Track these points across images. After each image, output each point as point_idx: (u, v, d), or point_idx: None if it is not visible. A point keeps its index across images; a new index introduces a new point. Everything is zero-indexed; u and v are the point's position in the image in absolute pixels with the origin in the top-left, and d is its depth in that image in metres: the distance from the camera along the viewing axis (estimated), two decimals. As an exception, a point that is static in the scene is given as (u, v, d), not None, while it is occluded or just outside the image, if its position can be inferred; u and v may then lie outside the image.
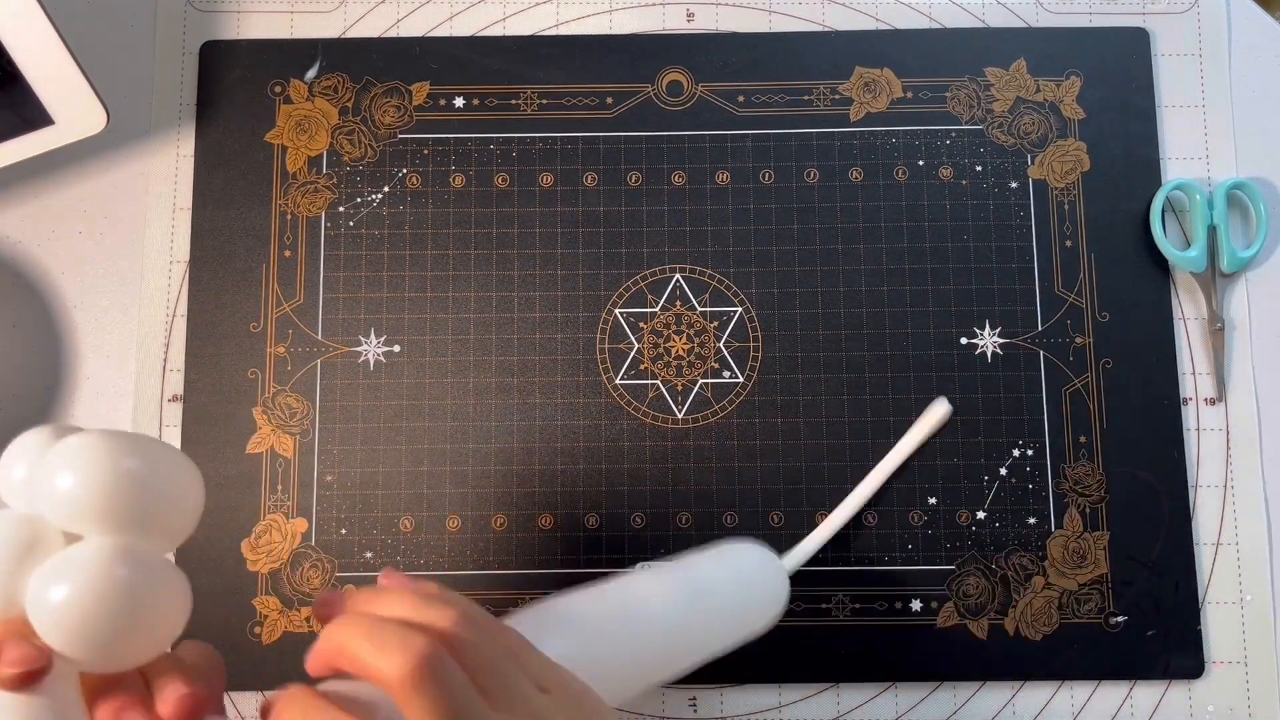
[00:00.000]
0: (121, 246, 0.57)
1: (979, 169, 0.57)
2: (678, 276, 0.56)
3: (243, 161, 0.57)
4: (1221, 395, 0.55)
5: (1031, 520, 0.54)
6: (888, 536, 0.54)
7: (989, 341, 0.56)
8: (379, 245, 0.56)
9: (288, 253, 0.56)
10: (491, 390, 0.55)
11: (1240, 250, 0.56)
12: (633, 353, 0.55)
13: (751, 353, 0.55)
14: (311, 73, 0.58)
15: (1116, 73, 0.58)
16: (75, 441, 0.29)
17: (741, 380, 0.55)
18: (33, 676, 0.27)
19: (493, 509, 0.54)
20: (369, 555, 0.53)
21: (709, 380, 0.55)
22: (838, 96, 0.58)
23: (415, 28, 0.59)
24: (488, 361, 0.55)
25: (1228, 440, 0.55)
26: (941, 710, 0.53)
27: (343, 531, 0.54)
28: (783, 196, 0.57)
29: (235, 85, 0.57)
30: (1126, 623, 0.53)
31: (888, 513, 0.54)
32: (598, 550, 0.54)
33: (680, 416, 0.55)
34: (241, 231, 0.56)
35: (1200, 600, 0.53)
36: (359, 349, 0.55)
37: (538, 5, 0.59)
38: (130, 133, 0.57)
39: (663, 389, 0.55)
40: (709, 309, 0.56)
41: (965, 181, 0.57)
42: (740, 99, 0.58)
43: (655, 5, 0.59)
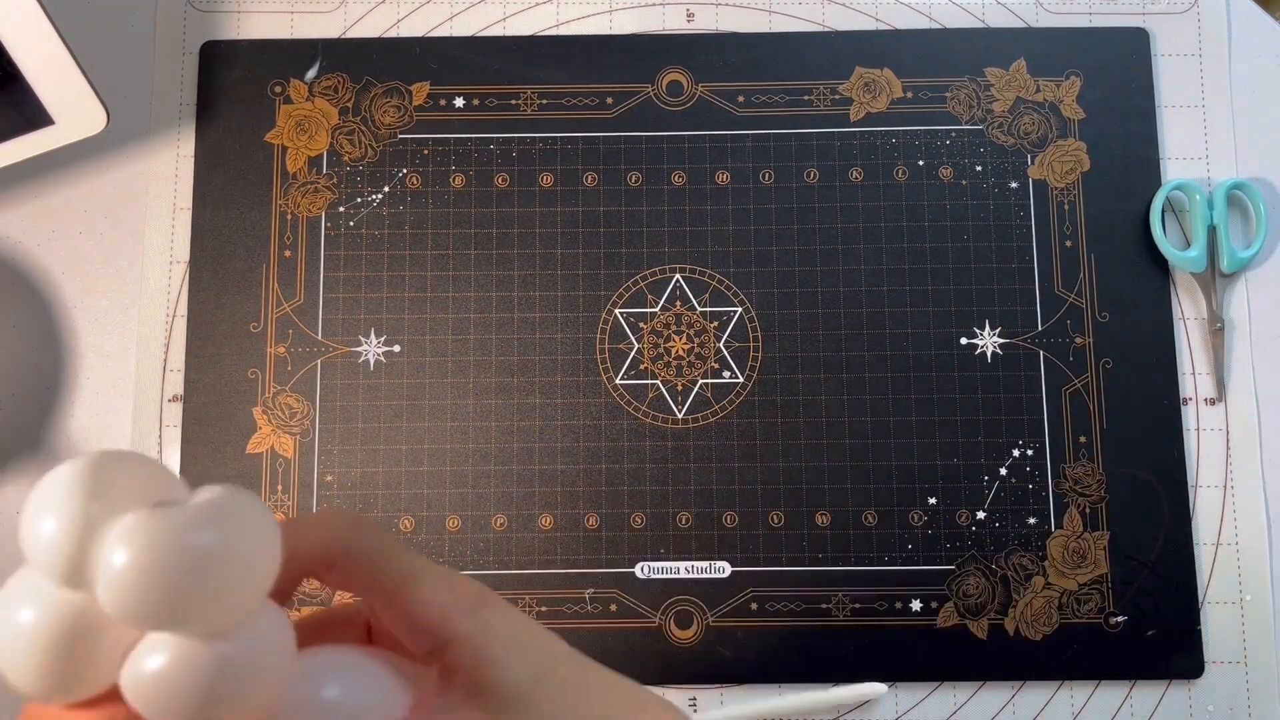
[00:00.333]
0: (121, 246, 0.57)
1: (979, 169, 0.57)
2: (678, 276, 0.56)
3: (243, 161, 0.57)
4: (1221, 395, 0.55)
5: (1031, 520, 0.54)
6: (888, 536, 0.54)
7: (989, 341, 0.56)
8: (379, 245, 0.56)
9: (288, 253, 0.56)
10: (491, 390, 0.55)
11: (1240, 250, 0.56)
12: (633, 353, 0.55)
13: (751, 353, 0.55)
14: (311, 73, 0.58)
15: (1116, 73, 0.58)
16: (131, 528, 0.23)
17: (741, 380, 0.55)
18: None
19: (493, 509, 0.54)
20: (369, 555, 0.53)
21: (709, 380, 0.55)
22: (838, 96, 0.58)
23: (415, 28, 0.59)
24: (488, 361, 0.55)
25: (1227, 440, 0.55)
26: (941, 710, 0.53)
27: (343, 531, 0.54)
28: (783, 196, 0.57)
29: (235, 85, 0.57)
30: (1126, 623, 0.53)
31: (887, 513, 0.54)
32: (598, 550, 0.54)
33: (680, 416, 0.55)
34: (241, 231, 0.56)
35: (1200, 600, 0.53)
36: (359, 349, 0.55)
37: (538, 5, 0.59)
38: (130, 133, 0.57)
39: (663, 389, 0.55)
40: (709, 309, 0.56)
41: (965, 181, 0.57)
42: (740, 99, 0.58)
43: (655, 5, 0.59)
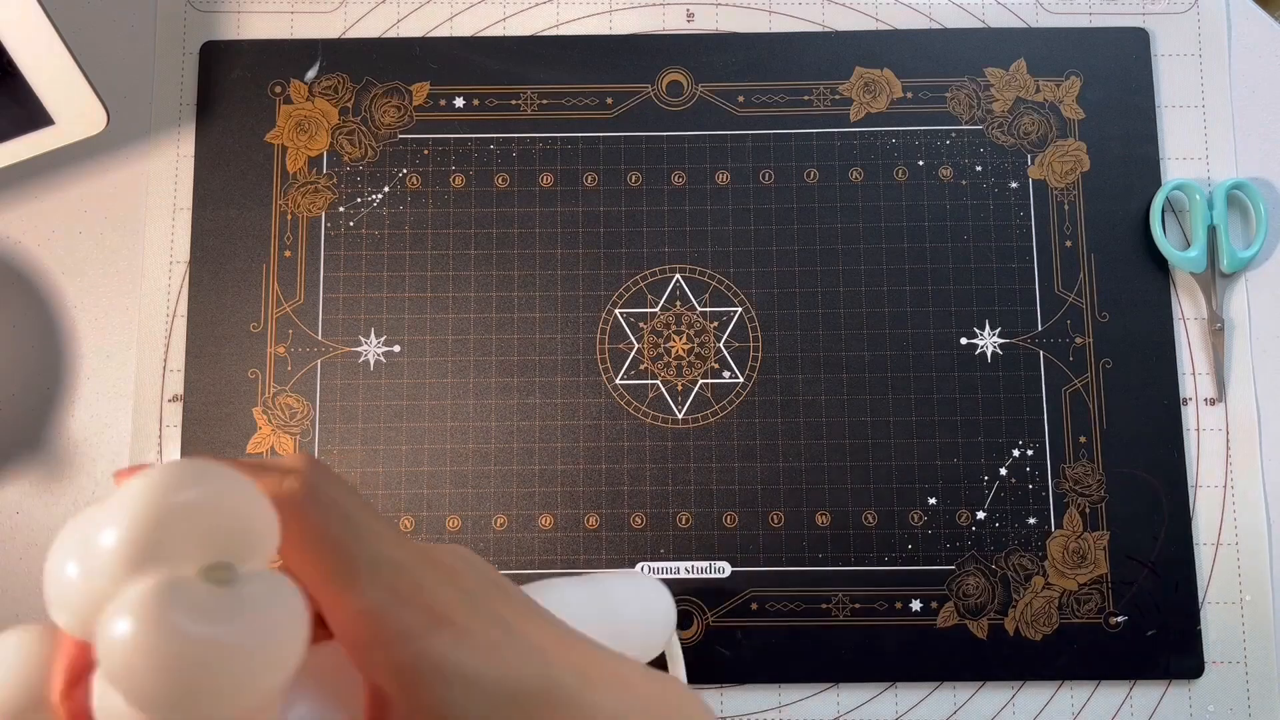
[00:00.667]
0: (121, 246, 0.57)
1: (979, 169, 0.57)
2: (678, 276, 0.56)
3: (243, 161, 0.57)
4: (1221, 395, 0.55)
5: (1031, 520, 0.54)
6: (888, 536, 0.54)
7: (989, 341, 0.56)
8: (379, 245, 0.56)
9: (288, 253, 0.56)
10: (491, 390, 0.55)
11: (1240, 250, 0.56)
12: (633, 353, 0.55)
13: (751, 353, 0.55)
14: (312, 73, 0.58)
15: (1116, 73, 0.58)
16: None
17: (741, 380, 0.55)
18: None
19: (493, 509, 0.54)
20: (369, 555, 0.53)
21: (709, 380, 0.55)
22: (837, 97, 0.58)
23: (415, 28, 0.59)
24: (488, 361, 0.55)
25: (1227, 440, 0.55)
26: (941, 710, 0.53)
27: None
28: (783, 196, 0.57)
29: (235, 85, 0.57)
30: (1126, 623, 0.53)
31: (887, 513, 0.54)
32: (598, 550, 0.54)
33: (680, 416, 0.55)
34: (241, 231, 0.56)
35: (1200, 600, 0.53)
36: (359, 349, 0.55)
37: (538, 5, 0.59)
38: (130, 133, 0.57)
39: (663, 389, 0.55)
40: (709, 309, 0.56)
41: (965, 182, 0.57)
42: (740, 99, 0.58)
43: (655, 5, 0.59)
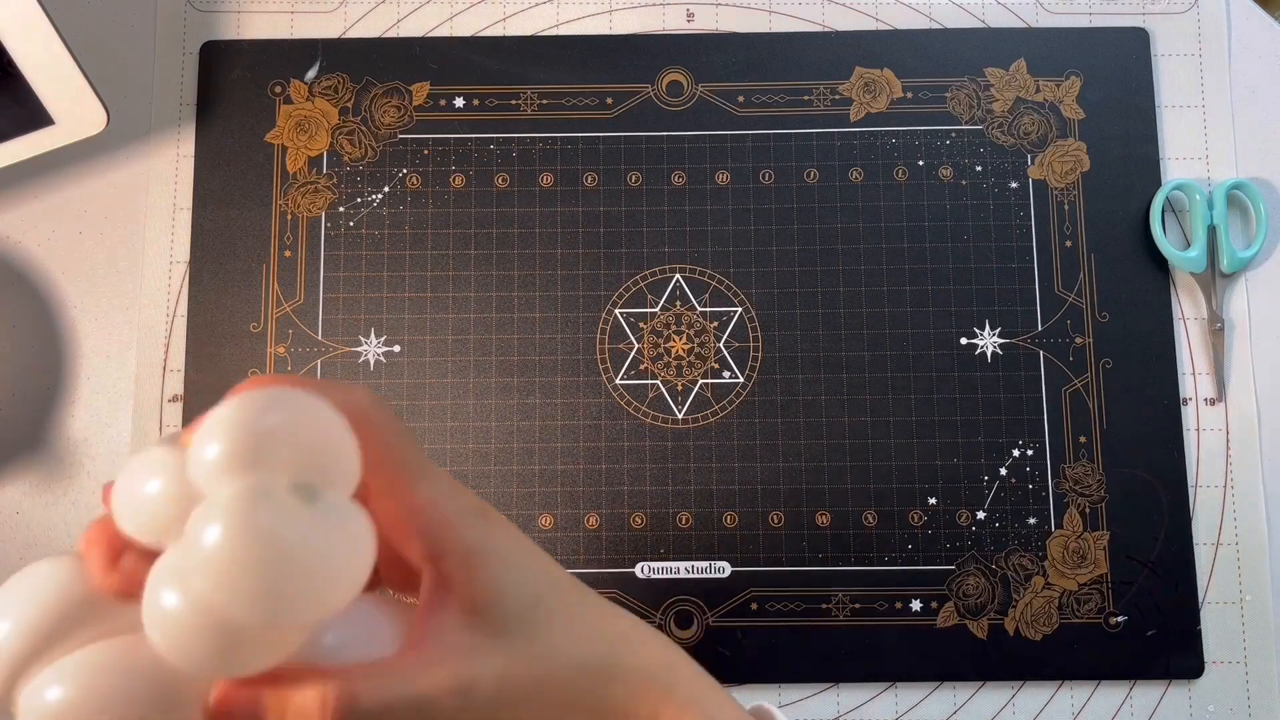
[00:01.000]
0: (121, 246, 0.57)
1: (979, 169, 0.57)
2: (678, 276, 0.56)
3: (243, 161, 0.57)
4: (1221, 395, 0.55)
5: (1031, 520, 0.54)
6: (888, 536, 0.54)
7: (989, 341, 0.56)
8: (379, 245, 0.56)
9: (288, 253, 0.56)
10: (491, 390, 0.55)
11: (1240, 250, 0.56)
12: (633, 353, 0.55)
13: (751, 353, 0.55)
14: (312, 73, 0.58)
15: (1116, 73, 0.58)
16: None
17: (741, 380, 0.55)
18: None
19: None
20: (369, 555, 0.53)
21: (709, 380, 0.55)
22: (837, 97, 0.58)
23: (415, 28, 0.59)
24: (488, 361, 0.55)
25: (1227, 440, 0.55)
26: (941, 710, 0.53)
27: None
28: (783, 196, 0.57)
29: (235, 85, 0.57)
30: (1126, 623, 0.53)
31: (887, 513, 0.54)
32: (598, 550, 0.54)
33: (680, 416, 0.55)
34: (241, 231, 0.56)
35: (1200, 600, 0.53)
36: (359, 349, 0.55)
37: (538, 5, 0.59)
38: (130, 133, 0.57)
39: (663, 389, 0.55)
40: (709, 309, 0.56)
41: (965, 182, 0.57)
42: (740, 99, 0.58)
43: (655, 5, 0.59)
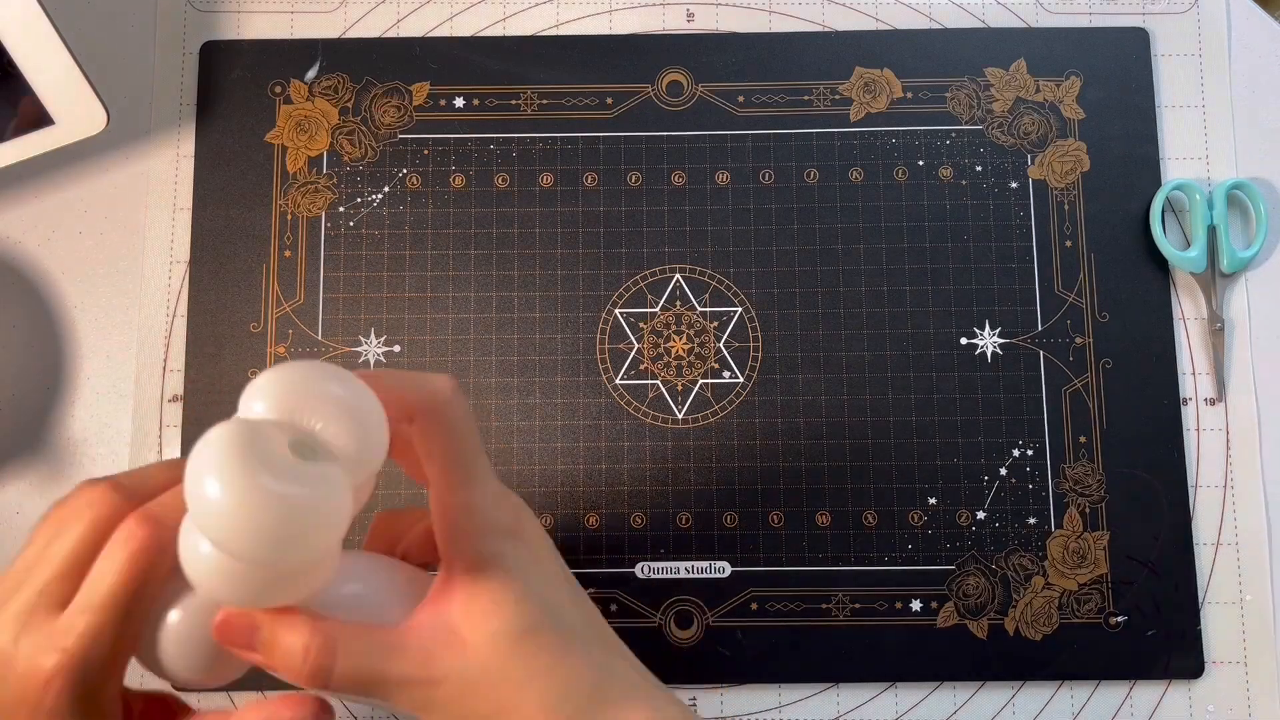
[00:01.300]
0: (121, 246, 0.57)
1: (979, 169, 0.57)
2: (678, 276, 0.56)
3: (243, 161, 0.57)
4: (1221, 395, 0.55)
5: (1031, 520, 0.54)
6: (888, 536, 0.54)
7: (989, 341, 0.56)
8: (379, 245, 0.56)
9: (288, 253, 0.56)
10: (491, 390, 0.55)
11: (1240, 250, 0.56)
12: (633, 353, 0.55)
13: (751, 353, 0.55)
14: (311, 73, 0.58)
15: (1116, 73, 0.58)
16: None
17: (741, 380, 0.55)
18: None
19: (493, 509, 0.54)
20: (369, 555, 0.53)
21: (709, 380, 0.55)
22: (837, 96, 0.58)
23: (415, 28, 0.59)
24: (488, 361, 0.55)
25: (1227, 440, 0.55)
26: (941, 710, 0.53)
27: (343, 531, 0.54)
28: (783, 196, 0.57)
29: (235, 85, 0.57)
30: (1126, 623, 0.53)
31: (887, 513, 0.54)
32: (598, 550, 0.54)
33: (680, 416, 0.55)
34: (241, 231, 0.56)
35: (1200, 600, 0.53)
36: (359, 349, 0.55)
37: (538, 5, 0.59)
38: (130, 133, 0.57)
39: (663, 389, 0.55)
40: (709, 309, 0.56)
41: (965, 182, 0.57)
42: (740, 99, 0.58)
43: (655, 5, 0.59)
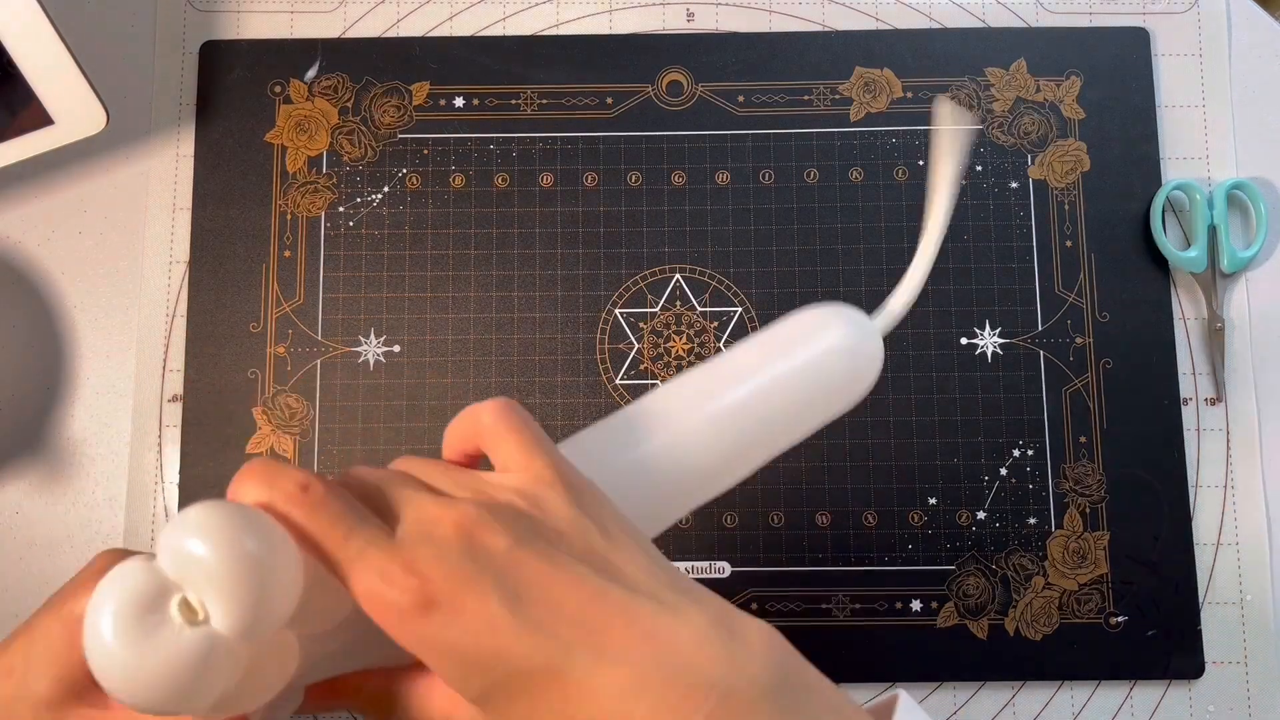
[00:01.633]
0: (121, 246, 0.57)
1: (979, 169, 0.57)
2: (678, 276, 0.56)
3: (242, 161, 0.57)
4: (1221, 395, 0.55)
5: (1031, 520, 0.54)
6: (888, 536, 0.54)
7: (989, 341, 0.55)
8: (379, 245, 0.56)
9: (288, 253, 0.56)
10: (491, 390, 0.55)
11: (1240, 250, 0.56)
12: (633, 353, 0.55)
13: (751, 353, 0.55)
14: (311, 73, 0.58)
15: (1116, 73, 0.58)
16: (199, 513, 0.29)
17: (741, 380, 0.55)
18: None
19: (493, 509, 0.54)
20: (369, 555, 0.53)
21: (709, 380, 0.55)
22: (838, 96, 0.58)
23: (415, 28, 0.59)
24: (488, 361, 0.55)
25: (1228, 440, 0.55)
26: (942, 710, 0.53)
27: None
28: (783, 196, 0.57)
29: (235, 85, 0.57)
30: (1127, 623, 0.53)
31: (888, 513, 0.54)
32: (598, 550, 0.54)
33: (680, 416, 0.55)
34: (241, 231, 0.56)
35: (1200, 600, 0.53)
36: (359, 349, 0.55)
37: (538, 5, 0.59)
38: (130, 133, 0.57)
39: (663, 389, 0.55)
40: (709, 309, 0.56)
41: (965, 182, 0.57)
42: (740, 99, 0.58)
43: (655, 5, 0.59)
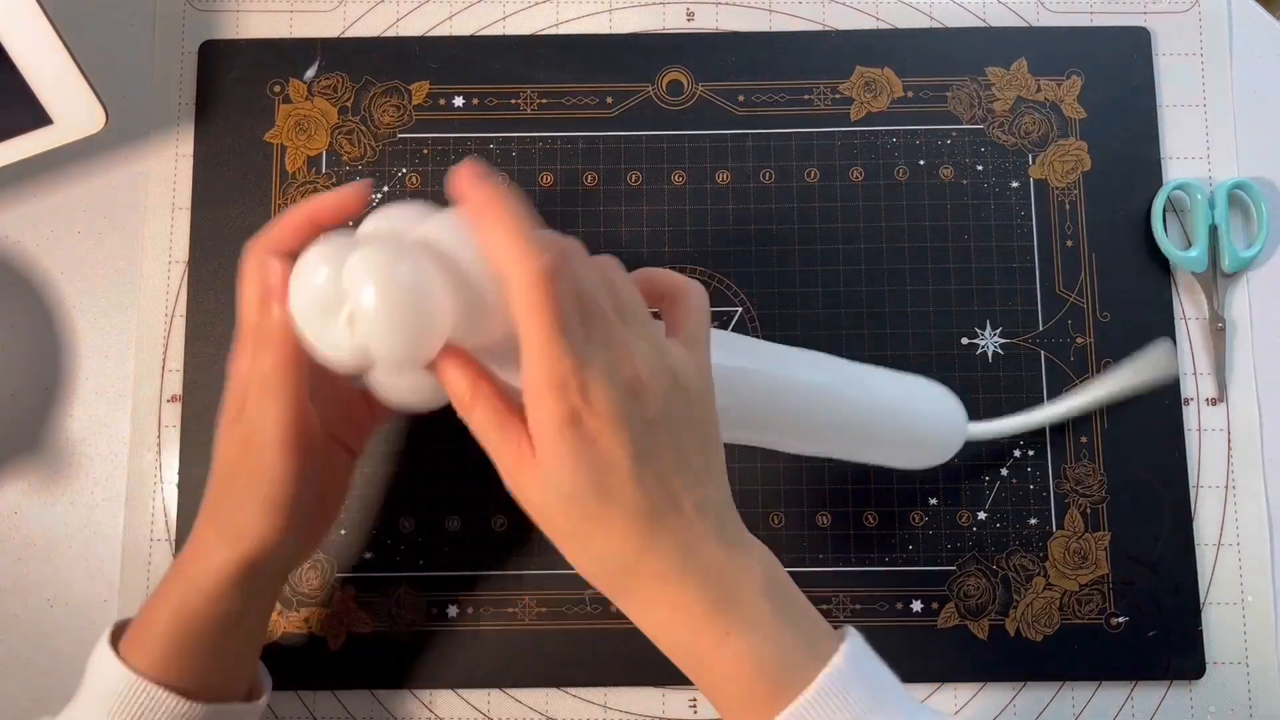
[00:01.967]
0: (121, 246, 0.57)
1: (980, 169, 0.57)
2: (678, 276, 0.56)
3: (242, 161, 0.57)
4: (1223, 395, 0.55)
5: (1032, 521, 0.54)
6: (888, 537, 0.54)
7: (990, 341, 0.55)
8: (378, 245, 0.56)
9: (287, 253, 0.56)
10: (491, 390, 0.55)
11: (1241, 250, 0.56)
12: (633, 353, 0.55)
13: (752, 353, 0.55)
14: (311, 72, 0.58)
15: (1117, 72, 0.58)
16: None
17: (742, 380, 0.55)
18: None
19: (493, 509, 0.54)
20: (369, 556, 0.53)
21: (709, 380, 0.55)
22: (838, 96, 0.58)
23: (414, 27, 0.59)
24: (487, 362, 0.55)
25: (1229, 440, 0.55)
26: (942, 711, 0.53)
27: (342, 532, 0.54)
28: (783, 196, 0.57)
29: (234, 85, 0.57)
30: (1127, 623, 0.53)
31: (888, 513, 0.54)
32: (598, 551, 0.53)
33: (680, 417, 0.55)
34: (241, 231, 0.56)
35: (1201, 601, 0.53)
36: (358, 349, 0.55)
37: (538, 5, 0.59)
38: (129, 132, 0.57)
39: (663, 389, 0.55)
40: (709, 309, 0.56)
41: (966, 181, 0.57)
42: (740, 99, 0.58)
43: (655, 5, 0.59)
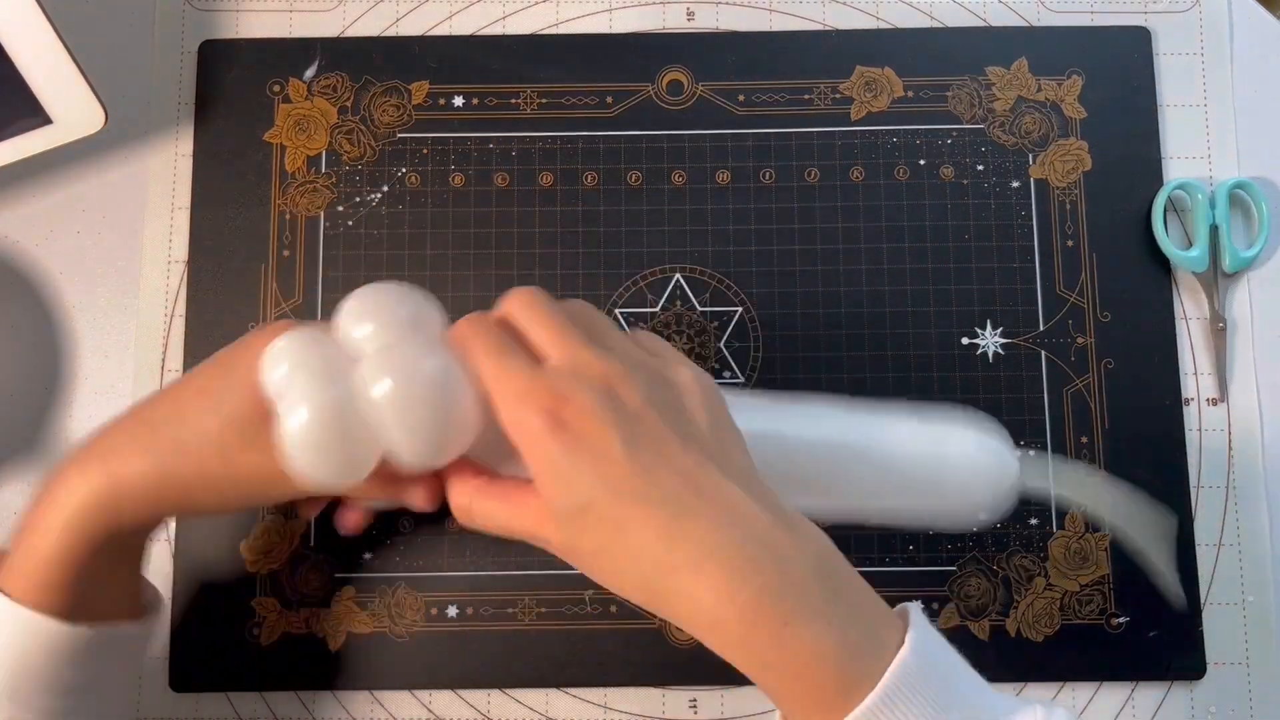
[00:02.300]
0: (120, 246, 0.57)
1: (980, 168, 0.57)
2: (678, 276, 0.56)
3: (241, 161, 0.57)
4: (1223, 396, 0.55)
5: (1033, 521, 0.54)
6: (888, 537, 0.54)
7: (990, 341, 0.55)
8: (379, 245, 0.56)
9: (287, 252, 0.56)
10: (491, 390, 0.55)
11: (1242, 250, 0.56)
12: (633, 353, 0.55)
13: (751, 353, 0.55)
14: (310, 72, 0.58)
15: (1118, 72, 0.58)
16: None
17: (742, 380, 0.55)
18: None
19: (492, 509, 0.54)
20: (368, 556, 0.53)
21: (709, 380, 0.55)
22: (838, 96, 0.58)
23: (414, 27, 0.59)
24: (487, 361, 0.55)
25: (1229, 441, 0.55)
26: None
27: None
28: (783, 196, 0.57)
29: (234, 84, 0.57)
30: (1128, 624, 0.53)
31: (888, 513, 0.54)
32: (597, 551, 0.53)
33: (680, 417, 0.55)
34: (241, 231, 0.56)
35: (1202, 601, 0.53)
36: (358, 349, 0.55)
37: (537, 5, 0.59)
38: (129, 132, 0.57)
39: (663, 389, 0.55)
40: (709, 309, 0.56)
41: (966, 181, 0.57)
42: (740, 99, 0.57)
43: (655, 5, 0.59)
